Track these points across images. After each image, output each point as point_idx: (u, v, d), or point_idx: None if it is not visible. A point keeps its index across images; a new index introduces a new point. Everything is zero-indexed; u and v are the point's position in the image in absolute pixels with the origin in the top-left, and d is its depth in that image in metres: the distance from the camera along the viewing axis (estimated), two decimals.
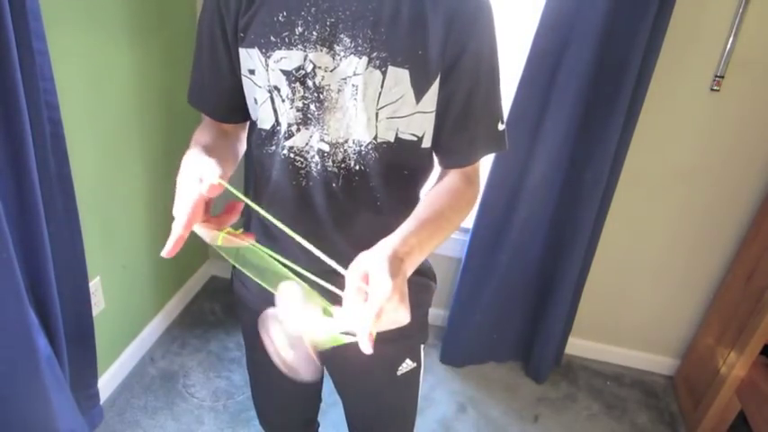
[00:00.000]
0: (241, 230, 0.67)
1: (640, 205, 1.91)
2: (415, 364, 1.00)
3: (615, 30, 1.51)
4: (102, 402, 1.67)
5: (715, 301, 1.97)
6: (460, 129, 0.81)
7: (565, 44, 1.57)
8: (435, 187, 0.85)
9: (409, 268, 0.66)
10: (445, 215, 0.78)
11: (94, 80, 1.47)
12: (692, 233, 1.92)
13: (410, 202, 0.88)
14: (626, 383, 2.14)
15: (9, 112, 1.06)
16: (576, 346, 2.19)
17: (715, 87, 1.67)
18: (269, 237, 0.91)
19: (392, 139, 0.79)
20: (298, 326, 0.60)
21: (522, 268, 1.93)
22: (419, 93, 0.75)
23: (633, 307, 2.10)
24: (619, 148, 1.69)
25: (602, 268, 1.99)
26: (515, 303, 2.01)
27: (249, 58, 0.78)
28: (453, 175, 0.85)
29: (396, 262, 0.63)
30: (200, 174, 0.64)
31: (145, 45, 1.67)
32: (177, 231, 0.62)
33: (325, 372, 1.10)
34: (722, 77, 1.65)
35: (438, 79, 0.76)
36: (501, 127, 0.83)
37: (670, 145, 1.80)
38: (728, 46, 1.61)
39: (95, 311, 1.60)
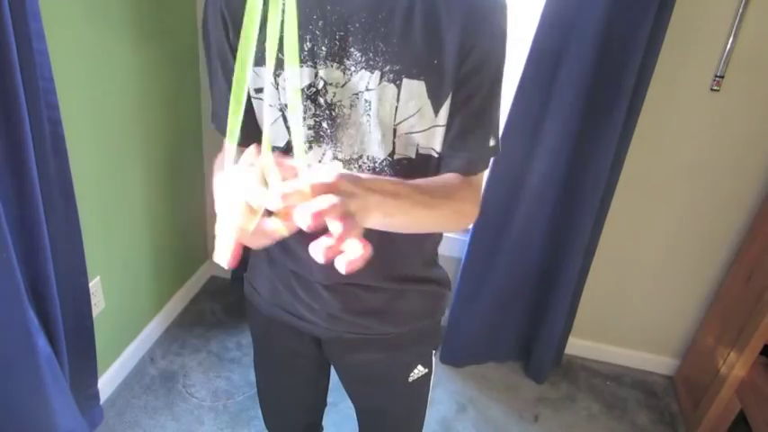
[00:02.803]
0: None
1: (640, 205, 1.91)
2: (426, 370, 0.99)
3: (615, 30, 1.51)
4: (102, 402, 1.67)
5: (715, 301, 1.97)
6: (454, 133, 0.77)
7: (565, 44, 1.57)
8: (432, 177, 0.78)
9: (374, 206, 0.54)
10: (432, 193, 0.69)
11: (95, 80, 1.47)
12: (692, 233, 1.92)
13: None
14: (626, 383, 2.14)
15: (9, 112, 1.06)
16: (576, 346, 2.19)
17: (715, 87, 1.67)
18: (281, 246, 0.90)
19: (413, 155, 0.76)
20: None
21: (522, 268, 1.93)
22: (437, 104, 0.73)
23: (633, 307, 2.10)
24: (619, 147, 1.69)
25: (603, 268, 1.99)
26: (515, 303, 2.01)
27: (256, 76, 0.75)
28: (451, 174, 0.79)
29: (356, 180, 0.52)
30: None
31: (145, 43, 1.67)
32: (233, 234, 0.49)
33: (331, 375, 1.10)
34: (722, 77, 1.65)
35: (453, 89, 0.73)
36: (492, 143, 0.79)
37: (670, 145, 1.80)
38: (728, 46, 1.61)
39: (95, 311, 1.60)
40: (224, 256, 0.50)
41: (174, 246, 2.05)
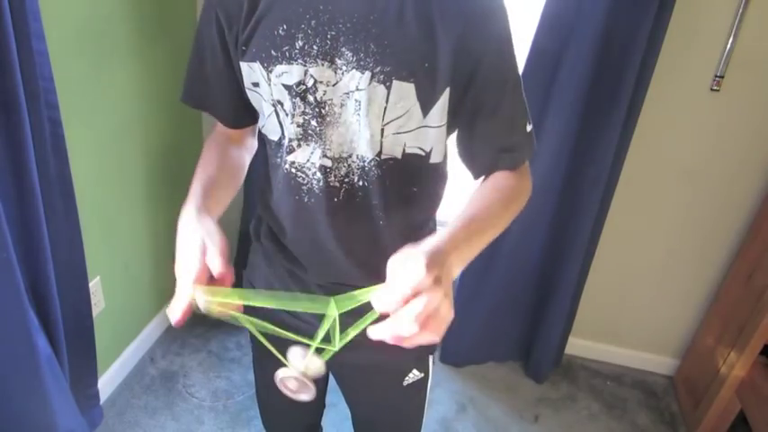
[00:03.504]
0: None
1: (640, 205, 1.91)
2: (422, 375, 0.99)
3: (615, 30, 1.51)
4: (102, 402, 1.67)
5: (715, 300, 1.97)
6: (493, 139, 0.79)
7: (565, 44, 1.57)
8: (482, 184, 0.82)
9: (456, 264, 0.63)
10: (494, 210, 0.76)
11: (94, 80, 1.47)
12: (693, 233, 1.92)
13: (413, 224, 0.87)
14: (626, 383, 2.14)
15: (9, 112, 1.06)
16: (576, 346, 2.19)
17: (715, 87, 1.67)
18: (277, 244, 0.91)
19: (399, 156, 0.77)
20: (303, 372, 0.69)
21: (522, 268, 1.93)
22: (426, 106, 0.73)
23: (633, 307, 2.10)
24: (618, 148, 1.69)
25: (603, 268, 1.99)
26: (515, 303, 2.01)
27: (252, 71, 0.76)
28: (499, 172, 0.83)
29: (437, 255, 0.59)
30: (205, 246, 0.66)
31: (145, 43, 1.67)
32: (183, 300, 0.63)
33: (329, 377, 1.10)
34: (722, 77, 1.65)
35: (447, 92, 0.73)
36: (529, 128, 0.81)
37: (670, 145, 1.80)
38: (728, 46, 1.61)
39: (95, 311, 1.60)
40: (175, 314, 0.62)
41: (174, 245, 2.05)
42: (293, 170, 0.80)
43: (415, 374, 0.98)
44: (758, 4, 1.55)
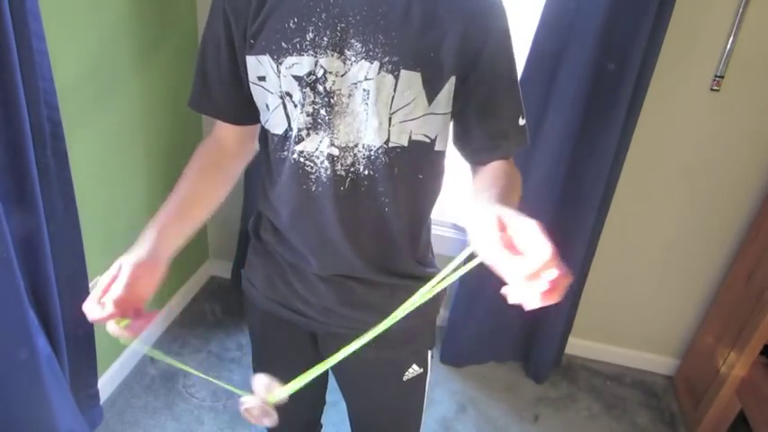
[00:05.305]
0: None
1: (640, 205, 1.91)
2: (421, 370, 1.00)
3: (615, 30, 1.51)
4: (102, 402, 1.67)
5: (715, 300, 1.97)
6: (485, 127, 0.82)
7: (565, 44, 1.57)
8: (484, 172, 0.83)
9: None
10: (507, 192, 0.78)
11: (94, 81, 1.47)
12: (693, 233, 1.93)
13: (416, 213, 0.88)
14: (626, 383, 2.14)
15: (9, 112, 1.06)
16: (576, 346, 2.19)
17: (715, 87, 1.67)
18: (278, 237, 0.92)
19: (406, 143, 0.79)
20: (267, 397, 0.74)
21: None
22: (431, 94, 0.76)
23: (633, 307, 2.10)
24: (618, 148, 1.69)
25: (603, 268, 1.99)
26: (515, 303, 2.00)
27: (259, 64, 0.78)
28: (496, 162, 0.85)
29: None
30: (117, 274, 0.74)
31: (146, 44, 1.67)
32: (100, 313, 0.71)
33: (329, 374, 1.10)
34: (722, 77, 1.65)
35: (452, 80, 0.76)
36: (522, 122, 0.84)
37: (670, 145, 1.80)
38: (728, 46, 1.61)
39: None
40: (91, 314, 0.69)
41: None
42: (302, 159, 0.81)
43: (414, 370, 0.99)
44: (758, 4, 1.55)
